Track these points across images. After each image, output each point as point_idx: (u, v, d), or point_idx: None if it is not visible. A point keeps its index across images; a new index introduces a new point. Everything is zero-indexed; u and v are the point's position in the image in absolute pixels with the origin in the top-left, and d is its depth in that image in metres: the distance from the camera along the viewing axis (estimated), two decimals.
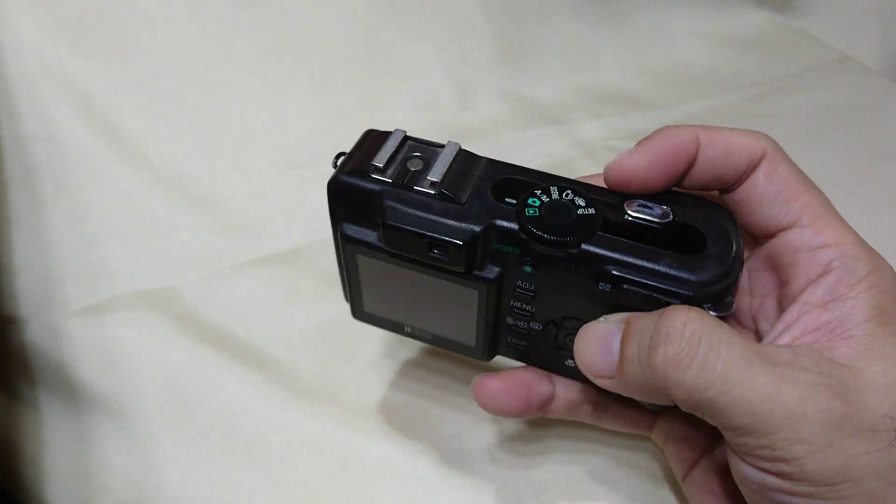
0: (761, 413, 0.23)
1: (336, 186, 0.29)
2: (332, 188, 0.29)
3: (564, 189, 0.27)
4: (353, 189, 0.29)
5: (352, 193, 0.29)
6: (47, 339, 0.42)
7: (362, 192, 0.29)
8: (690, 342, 0.24)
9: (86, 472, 0.38)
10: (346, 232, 0.30)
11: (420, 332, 0.32)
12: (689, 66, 0.68)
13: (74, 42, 0.52)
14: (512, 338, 0.31)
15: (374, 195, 0.28)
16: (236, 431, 0.38)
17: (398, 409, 0.39)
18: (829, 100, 0.65)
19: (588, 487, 0.36)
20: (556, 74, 0.64)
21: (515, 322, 0.30)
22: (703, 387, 0.24)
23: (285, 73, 0.57)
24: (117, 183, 0.49)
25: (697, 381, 0.24)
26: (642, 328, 0.25)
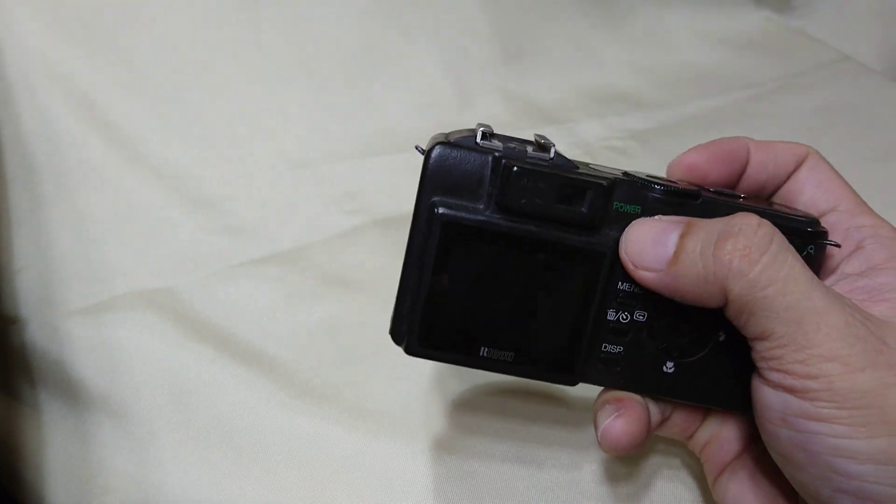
0: (808, 325, 0.24)
1: (441, 153, 0.27)
2: (435, 156, 0.27)
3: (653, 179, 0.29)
4: (462, 156, 0.27)
5: (458, 162, 0.27)
6: (47, 339, 0.42)
7: (472, 158, 0.27)
8: (763, 239, 0.25)
9: (86, 472, 0.38)
10: (444, 214, 0.27)
11: (500, 353, 0.29)
12: (689, 66, 0.68)
13: (74, 42, 0.52)
14: (608, 344, 0.29)
15: (486, 161, 0.27)
16: (236, 431, 0.38)
17: (398, 409, 0.39)
18: (829, 100, 0.65)
19: (591, 487, 0.36)
20: (556, 74, 0.64)
21: (618, 315, 0.29)
22: (765, 283, 0.25)
23: (285, 72, 0.57)
24: (117, 183, 0.49)
25: (761, 276, 0.25)
26: (708, 226, 0.26)
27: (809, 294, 0.25)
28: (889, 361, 0.24)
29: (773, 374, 0.25)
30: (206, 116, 0.53)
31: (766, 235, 0.26)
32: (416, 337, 0.28)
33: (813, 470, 0.25)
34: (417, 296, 0.28)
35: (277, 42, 0.57)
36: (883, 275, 0.27)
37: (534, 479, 0.36)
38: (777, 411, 0.26)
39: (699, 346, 0.29)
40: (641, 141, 0.59)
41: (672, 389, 0.30)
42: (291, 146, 0.54)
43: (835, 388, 0.24)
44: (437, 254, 0.27)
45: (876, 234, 0.29)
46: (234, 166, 0.51)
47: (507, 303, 0.28)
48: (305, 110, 0.56)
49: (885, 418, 0.24)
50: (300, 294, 0.45)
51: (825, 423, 0.24)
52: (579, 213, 0.27)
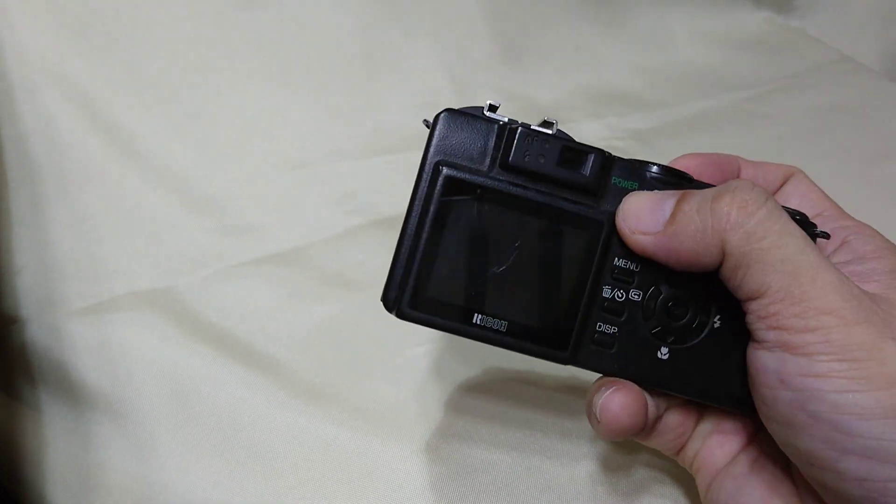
0: (804, 278, 0.25)
1: (448, 118, 0.28)
2: (443, 120, 0.28)
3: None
4: (469, 122, 0.28)
5: (465, 128, 0.28)
6: (47, 339, 0.42)
7: (478, 125, 0.28)
8: (759, 196, 0.26)
9: (86, 472, 0.38)
10: (448, 174, 0.28)
11: (493, 321, 0.28)
12: (689, 66, 0.68)
13: (74, 42, 0.52)
14: (602, 324, 0.29)
15: (492, 129, 0.28)
16: (236, 431, 0.38)
17: (399, 409, 0.39)
18: (829, 100, 0.65)
19: (588, 487, 0.36)
20: (556, 74, 0.64)
21: (613, 293, 0.29)
22: (762, 234, 0.25)
23: (285, 72, 0.57)
24: (117, 183, 0.49)
25: (758, 227, 0.25)
26: (703, 192, 0.27)
27: (804, 248, 0.25)
28: (884, 320, 0.25)
29: (769, 333, 0.25)
30: (206, 116, 0.53)
31: (762, 193, 0.26)
32: (408, 299, 0.28)
33: (816, 432, 0.25)
34: (413, 258, 0.28)
35: (277, 42, 0.57)
36: (871, 262, 0.28)
37: (533, 479, 0.36)
38: (775, 373, 0.26)
39: (694, 332, 0.29)
40: (641, 141, 0.59)
41: (666, 379, 0.29)
42: (291, 146, 0.54)
43: (832, 340, 0.24)
44: (435, 212, 0.27)
45: (860, 231, 0.30)
46: (234, 166, 0.51)
47: (503, 270, 0.28)
48: (305, 110, 0.56)
49: (884, 370, 0.24)
50: (300, 294, 0.45)
51: (825, 378, 0.24)
52: (581, 176, 0.28)
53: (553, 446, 0.38)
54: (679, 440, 0.32)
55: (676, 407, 0.31)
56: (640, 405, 0.29)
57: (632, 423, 0.29)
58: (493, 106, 0.29)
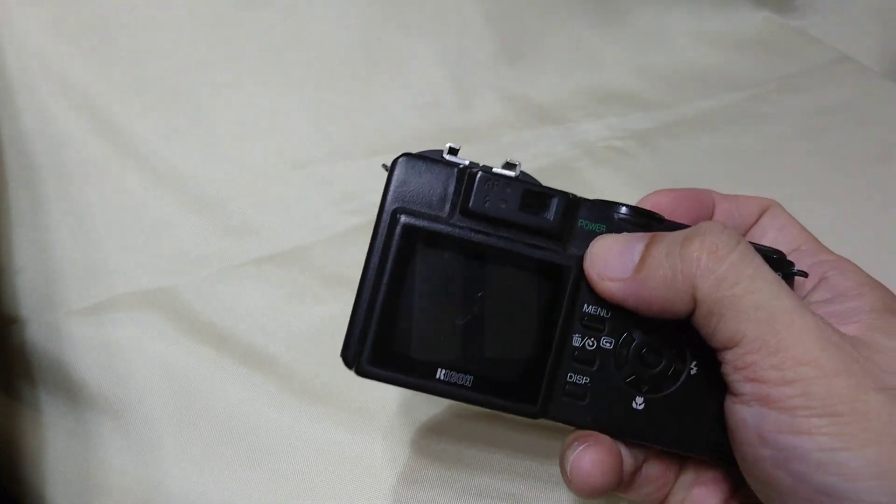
0: (780, 324, 0.23)
1: (406, 163, 0.27)
2: (400, 165, 0.27)
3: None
4: (427, 167, 0.27)
5: (424, 173, 0.27)
6: (47, 339, 0.42)
7: (437, 170, 0.27)
8: (730, 239, 0.25)
9: (86, 472, 0.38)
10: (407, 222, 0.26)
11: (458, 375, 0.27)
12: (689, 66, 0.68)
13: (74, 42, 0.52)
14: (573, 374, 0.28)
15: (452, 173, 0.27)
16: (237, 431, 0.38)
17: (399, 409, 0.39)
18: (829, 100, 0.65)
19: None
20: (556, 74, 0.64)
21: (583, 341, 0.28)
22: (734, 280, 0.24)
23: (285, 72, 0.57)
24: (117, 183, 0.49)
25: (729, 273, 0.24)
26: (673, 234, 0.26)
27: (779, 294, 0.24)
28: (865, 369, 0.23)
29: (746, 385, 0.24)
30: (207, 116, 0.53)
31: (733, 236, 0.25)
32: (367, 355, 0.27)
33: (800, 493, 0.23)
34: (372, 311, 0.27)
35: (277, 42, 0.57)
36: (850, 301, 0.26)
37: (534, 478, 0.36)
38: (753, 430, 0.24)
39: (670, 380, 0.28)
40: (641, 141, 0.59)
41: (643, 430, 0.28)
42: (291, 146, 0.54)
43: (811, 394, 0.22)
44: (394, 263, 0.26)
45: (839, 267, 0.28)
46: (234, 166, 0.51)
47: (466, 321, 0.27)
48: (305, 110, 0.56)
49: (868, 426, 0.22)
50: (300, 294, 0.45)
51: (806, 436, 0.22)
52: (545, 220, 0.27)
53: (550, 457, 0.38)
54: (661, 492, 0.30)
55: (656, 457, 0.30)
56: (614, 461, 0.27)
57: (605, 482, 0.27)
58: (452, 149, 0.28)
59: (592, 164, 0.56)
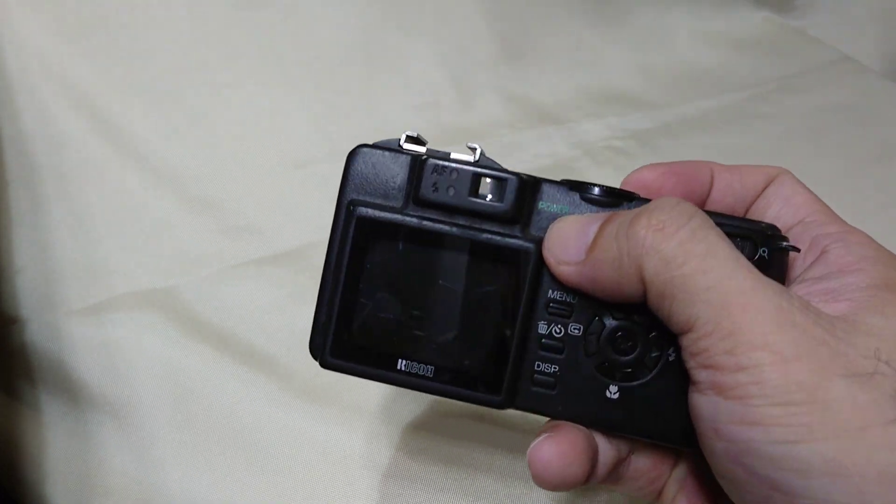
0: (734, 307, 0.21)
1: (362, 154, 0.27)
2: (356, 157, 0.27)
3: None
4: (383, 157, 0.27)
5: (379, 163, 0.27)
6: (47, 339, 0.42)
7: (392, 160, 0.27)
8: (681, 215, 0.23)
9: (86, 472, 0.38)
10: (361, 214, 0.26)
11: (419, 366, 0.26)
12: (689, 66, 0.68)
13: (74, 42, 0.52)
14: (541, 363, 0.27)
15: (406, 161, 0.27)
16: (236, 431, 0.38)
17: (399, 409, 0.39)
18: (829, 100, 0.65)
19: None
20: (556, 74, 0.64)
21: (550, 328, 0.26)
22: (682, 259, 0.22)
23: (285, 72, 0.57)
24: (117, 183, 0.49)
25: (677, 252, 0.22)
26: (626, 214, 0.24)
27: (733, 273, 0.22)
28: (834, 352, 0.21)
29: (701, 373, 0.22)
30: (207, 116, 0.53)
31: (684, 212, 0.23)
32: (329, 348, 0.27)
33: (754, 490, 0.21)
34: (333, 303, 0.27)
35: (277, 42, 0.57)
36: (848, 277, 0.24)
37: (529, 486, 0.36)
38: (709, 421, 0.22)
39: (646, 368, 0.26)
40: (641, 141, 0.59)
41: (618, 420, 0.26)
42: (292, 146, 0.54)
43: (765, 381, 0.20)
44: (350, 255, 0.26)
45: (844, 238, 0.25)
46: (234, 166, 0.51)
47: (426, 311, 0.26)
48: (306, 110, 0.56)
49: (828, 417, 0.20)
50: (300, 294, 0.45)
51: (759, 427, 0.21)
52: (498, 205, 0.26)
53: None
54: (653, 485, 0.28)
55: (646, 449, 0.28)
56: (580, 453, 0.25)
57: (567, 475, 0.25)
58: (410, 137, 0.27)
59: (592, 164, 0.56)
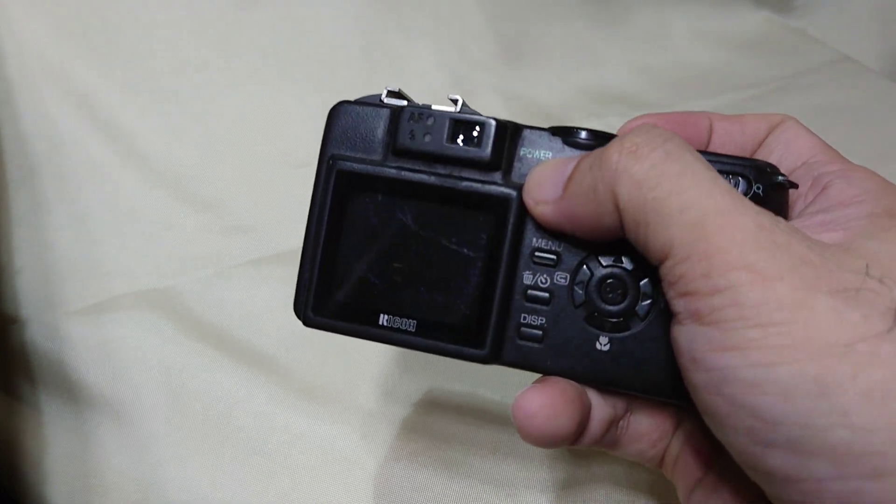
0: (710, 227, 0.20)
1: (342, 110, 0.27)
2: (337, 113, 0.27)
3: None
4: (363, 112, 0.27)
5: (360, 118, 0.27)
6: (47, 339, 0.42)
7: (373, 114, 0.27)
8: (655, 137, 0.22)
9: (86, 472, 0.38)
10: (340, 168, 0.26)
11: (401, 320, 0.26)
12: (689, 66, 0.68)
13: (74, 42, 0.52)
14: (527, 315, 0.26)
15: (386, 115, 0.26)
16: (236, 431, 0.38)
17: (399, 409, 0.39)
18: (829, 100, 0.65)
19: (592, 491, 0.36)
20: (556, 74, 0.64)
21: (535, 278, 0.25)
22: (655, 181, 0.21)
23: (285, 72, 0.57)
24: (117, 183, 0.49)
25: (650, 173, 0.21)
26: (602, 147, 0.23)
27: (710, 192, 0.20)
28: (819, 271, 0.19)
29: (679, 302, 0.21)
30: (207, 116, 0.53)
31: (659, 134, 0.22)
32: (311, 305, 0.26)
33: (735, 422, 0.20)
34: (314, 260, 0.26)
35: (277, 42, 0.57)
36: (847, 209, 0.23)
37: (532, 476, 0.36)
38: (687, 352, 0.21)
39: (637, 316, 0.25)
40: None
41: (610, 374, 0.25)
42: (291, 146, 0.54)
43: (742, 302, 0.19)
44: (331, 210, 0.26)
45: (846, 175, 0.24)
46: (234, 166, 0.51)
47: (407, 263, 0.26)
48: (305, 110, 0.56)
49: (811, 335, 0.19)
50: None
51: (736, 352, 0.19)
52: (477, 150, 0.25)
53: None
54: (655, 448, 0.27)
55: (646, 408, 0.27)
56: (568, 404, 0.24)
57: (554, 428, 0.24)
58: (391, 92, 0.27)
59: None
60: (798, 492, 0.19)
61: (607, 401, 0.26)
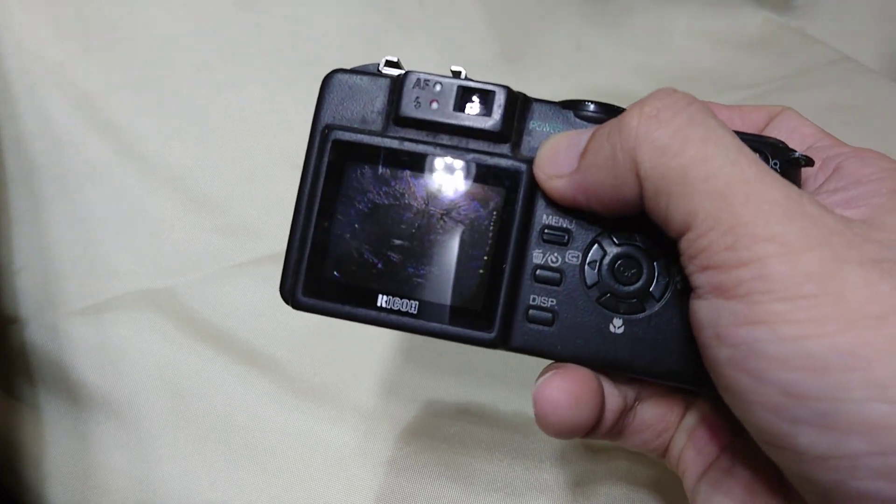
0: (735, 197, 0.19)
1: (338, 79, 0.25)
2: (332, 82, 0.25)
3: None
4: (360, 81, 0.25)
5: (357, 87, 0.25)
6: (47, 339, 0.42)
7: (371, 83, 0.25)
8: (677, 101, 0.21)
9: (86, 471, 0.38)
10: (337, 137, 0.24)
11: (402, 301, 0.24)
12: (689, 66, 0.68)
13: (74, 42, 0.52)
14: (537, 296, 0.24)
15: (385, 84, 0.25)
16: (236, 431, 0.38)
17: (399, 409, 0.39)
18: (829, 100, 0.64)
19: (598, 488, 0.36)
20: (556, 74, 0.64)
21: (545, 257, 0.24)
22: (679, 147, 0.20)
23: (285, 72, 0.57)
24: (117, 183, 0.49)
25: (673, 139, 0.20)
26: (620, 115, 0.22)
27: (736, 160, 0.20)
28: (849, 241, 0.19)
29: (701, 276, 0.20)
30: (206, 116, 0.53)
31: (681, 98, 0.21)
32: (302, 286, 0.24)
33: (762, 399, 0.19)
34: (305, 237, 0.24)
35: (277, 42, 0.57)
36: (866, 186, 0.22)
37: (531, 477, 0.36)
38: (711, 328, 0.20)
39: (652, 297, 0.24)
40: None
41: (623, 358, 0.24)
42: (291, 146, 0.54)
43: (769, 274, 0.18)
44: (326, 183, 0.24)
45: (859, 155, 0.24)
46: (234, 166, 0.51)
47: (408, 241, 0.24)
48: (305, 110, 0.55)
49: (842, 307, 0.18)
50: None
51: (764, 326, 0.18)
52: (487, 119, 0.24)
53: (555, 446, 0.38)
54: (662, 438, 0.26)
55: (654, 397, 0.26)
56: (589, 392, 0.23)
57: (577, 416, 0.23)
58: (390, 62, 0.25)
59: None
60: (831, 469, 0.18)
61: (619, 389, 0.25)
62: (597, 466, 0.36)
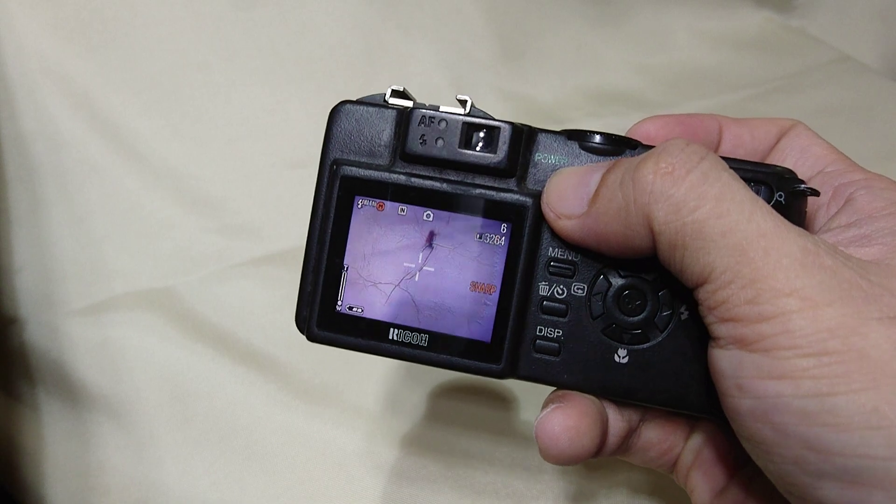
0: (754, 252, 0.19)
1: (345, 111, 0.26)
2: (339, 114, 0.26)
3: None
4: (367, 113, 0.25)
5: (364, 119, 0.25)
6: (47, 339, 0.42)
7: (378, 115, 0.25)
8: (691, 157, 0.21)
9: (86, 471, 0.38)
10: (346, 173, 0.25)
11: (413, 334, 0.25)
12: (689, 66, 0.68)
13: (74, 42, 0.52)
14: (544, 327, 0.25)
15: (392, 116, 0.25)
16: (236, 431, 0.38)
17: (399, 409, 0.39)
18: (830, 99, 0.64)
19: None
20: (556, 74, 0.64)
21: (552, 289, 0.25)
22: (694, 204, 0.20)
23: (285, 72, 0.57)
24: (117, 183, 0.49)
25: (689, 195, 0.20)
26: (630, 160, 0.22)
27: (752, 215, 0.20)
28: (868, 295, 0.19)
29: (721, 327, 0.20)
30: (206, 116, 0.53)
31: (694, 153, 0.21)
32: (316, 319, 0.25)
33: (785, 452, 0.19)
34: (319, 270, 0.25)
35: (277, 42, 0.57)
36: (879, 221, 0.22)
37: (531, 483, 0.36)
38: (732, 378, 0.20)
39: (656, 328, 0.24)
40: None
41: (628, 387, 0.24)
42: (291, 146, 0.54)
43: (793, 330, 0.19)
44: (336, 217, 0.25)
45: (869, 185, 0.24)
46: (234, 166, 0.51)
47: (418, 274, 0.25)
48: (305, 110, 0.56)
49: (867, 364, 0.18)
50: None
51: (788, 381, 0.19)
52: (491, 156, 0.24)
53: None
54: (666, 456, 0.27)
55: (658, 418, 0.26)
56: (589, 425, 0.24)
57: (576, 448, 0.23)
58: (396, 91, 0.26)
59: None
60: None
61: (623, 414, 0.26)
62: (596, 474, 0.36)
